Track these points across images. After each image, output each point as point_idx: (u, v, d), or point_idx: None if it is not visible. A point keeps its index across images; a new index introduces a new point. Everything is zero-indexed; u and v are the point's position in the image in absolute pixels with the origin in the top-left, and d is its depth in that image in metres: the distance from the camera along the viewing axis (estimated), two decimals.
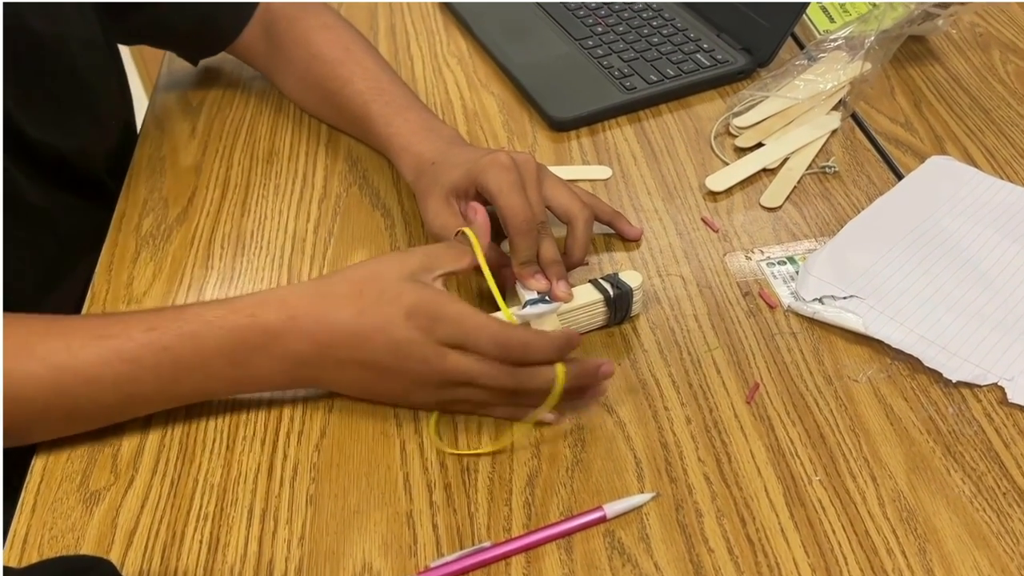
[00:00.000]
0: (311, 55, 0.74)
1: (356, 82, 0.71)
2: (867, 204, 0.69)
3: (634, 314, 0.60)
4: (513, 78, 0.83)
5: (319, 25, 0.76)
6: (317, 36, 0.75)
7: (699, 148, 0.76)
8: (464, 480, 0.51)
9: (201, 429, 0.54)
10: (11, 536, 0.49)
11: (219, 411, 0.55)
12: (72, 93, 0.69)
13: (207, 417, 0.55)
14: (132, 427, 0.54)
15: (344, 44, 0.74)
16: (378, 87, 0.70)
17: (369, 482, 0.51)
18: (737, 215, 0.69)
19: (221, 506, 0.50)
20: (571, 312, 0.57)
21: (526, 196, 0.56)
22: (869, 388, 0.55)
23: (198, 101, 0.83)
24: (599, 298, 0.57)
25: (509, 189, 0.55)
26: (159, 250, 0.67)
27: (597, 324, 0.59)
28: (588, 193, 0.65)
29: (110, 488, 0.51)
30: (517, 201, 0.55)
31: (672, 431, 0.53)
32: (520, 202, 0.55)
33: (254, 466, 0.52)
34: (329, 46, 0.74)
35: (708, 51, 0.84)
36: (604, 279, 0.58)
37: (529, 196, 0.56)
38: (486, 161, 0.57)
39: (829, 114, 0.77)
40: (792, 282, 0.62)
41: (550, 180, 0.60)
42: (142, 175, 0.74)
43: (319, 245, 0.67)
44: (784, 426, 0.53)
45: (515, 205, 0.55)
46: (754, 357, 0.57)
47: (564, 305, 0.56)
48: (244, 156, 0.76)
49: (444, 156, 0.62)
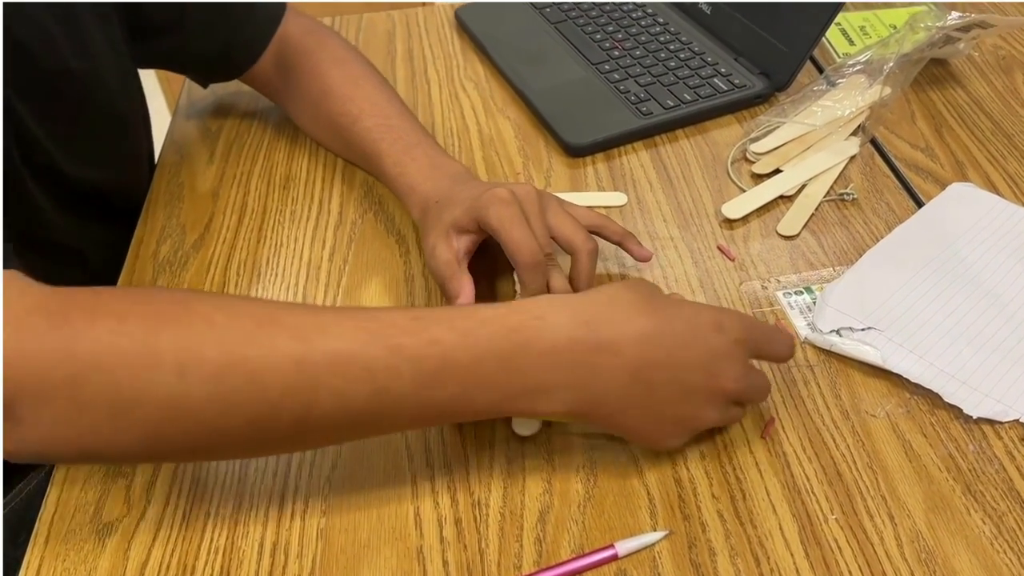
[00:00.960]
0: (322, 90, 0.75)
1: (365, 119, 0.71)
2: (886, 232, 0.68)
3: None
4: (529, 103, 0.83)
5: (331, 59, 0.76)
6: (329, 70, 0.75)
7: (715, 174, 0.75)
8: (475, 516, 0.51)
9: (214, 463, 0.54)
10: (24, 567, 0.49)
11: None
12: (108, 128, 0.70)
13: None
14: None
15: (355, 79, 0.75)
16: (387, 124, 0.70)
17: (380, 516, 0.51)
18: (754, 243, 0.68)
19: (232, 539, 0.50)
20: None
21: (530, 229, 0.55)
22: (887, 424, 0.54)
23: (216, 127, 0.84)
24: None
25: (511, 224, 0.55)
26: (176, 277, 0.67)
27: None
28: (597, 214, 0.63)
29: (123, 520, 0.51)
30: (520, 235, 0.54)
31: (686, 467, 0.53)
32: (523, 236, 0.54)
33: (266, 498, 0.52)
34: (340, 81, 0.74)
35: (725, 75, 0.84)
36: None
37: (533, 228, 0.55)
38: (486, 197, 0.56)
39: (848, 140, 0.76)
40: (809, 313, 0.61)
41: (553, 209, 0.59)
42: (160, 201, 0.75)
43: (334, 273, 0.67)
44: (800, 462, 0.53)
45: (519, 239, 0.54)
46: (770, 391, 0.57)
47: None
48: (261, 182, 0.76)
49: (447, 194, 0.62)
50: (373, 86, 0.74)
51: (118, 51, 0.70)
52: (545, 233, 0.57)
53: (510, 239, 0.55)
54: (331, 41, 0.78)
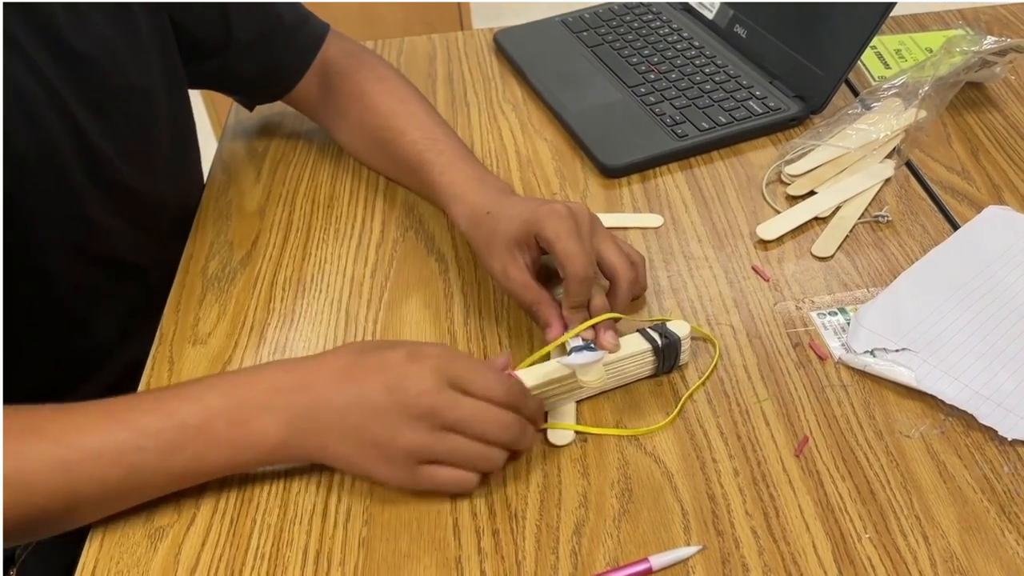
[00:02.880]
0: (365, 107, 0.77)
1: (410, 132, 0.73)
2: (921, 255, 0.68)
3: (682, 363, 0.60)
4: (566, 125, 0.85)
5: (374, 77, 0.79)
6: (371, 88, 0.78)
7: (750, 196, 0.76)
8: (512, 527, 0.52)
9: (260, 470, 0.56)
10: (80, 569, 0.51)
11: None
12: (170, 143, 0.74)
13: None
14: None
15: (399, 96, 0.77)
16: (432, 137, 0.73)
17: (419, 526, 0.52)
18: (788, 264, 0.69)
19: (277, 546, 0.52)
20: (619, 362, 0.58)
21: (583, 243, 0.57)
22: (921, 444, 0.55)
23: (263, 147, 0.87)
24: (647, 347, 0.58)
25: (567, 236, 0.57)
26: (224, 292, 0.70)
27: (645, 374, 0.60)
28: (636, 254, 0.64)
29: (173, 525, 0.53)
30: (575, 248, 0.57)
31: (720, 483, 0.54)
32: (578, 249, 0.57)
33: (309, 507, 0.54)
34: (383, 97, 0.77)
35: (760, 98, 0.85)
36: (652, 328, 0.59)
37: (584, 244, 0.58)
38: (544, 211, 0.58)
39: (883, 162, 0.77)
40: (843, 334, 0.62)
41: (601, 233, 0.61)
42: (209, 219, 0.78)
43: (376, 290, 0.69)
44: (833, 481, 0.53)
45: (573, 251, 0.57)
46: (803, 410, 0.57)
47: (612, 355, 0.57)
48: (306, 201, 0.79)
49: (498, 207, 0.63)
50: (416, 102, 0.77)
51: (173, 67, 0.73)
52: (593, 251, 0.59)
53: (564, 250, 0.57)
54: (372, 61, 0.81)
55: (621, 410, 0.58)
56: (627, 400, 0.59)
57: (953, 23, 0.99)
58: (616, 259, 0.60)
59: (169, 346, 0.66)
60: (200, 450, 0.51)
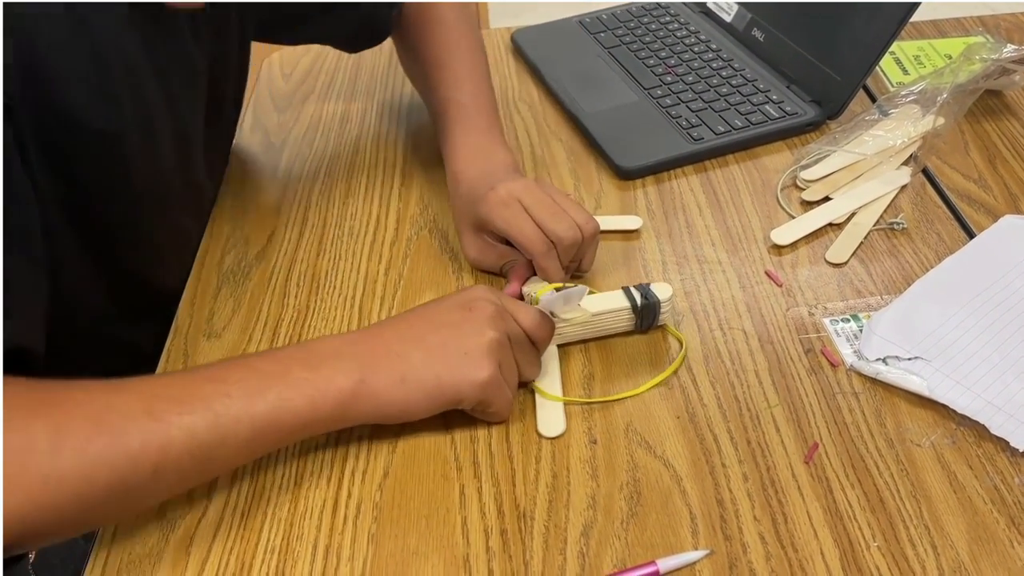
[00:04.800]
0: (420, 52, 0.80)
1: (443, 88, 0.76)
2: (936, 263, 0.68)
3: (661, 323, 0.63)
4: (582, 126, 0.85)
5: (436, 19, 0.80)
6: (431, 32, 0.79)
7: (765, 200, 0.76)
8: (520, 527, 0.52)
9: (272, 464, 0.57)
10: (93, 558, 0.52)
11: (289, 448, 0.58)
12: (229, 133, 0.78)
13: (278, 453, 0.57)
14: None
15: (449, 46, 0.78)
16: (458, 100, 0.74)
17: (428, 524, 0.53)
18: (802, 270, 0.69)
19: (287, 540, 0.53)
20: (598, 316, 0.61)
21: (533, 222, 0.62)
22: (932, 453, 0.55)
23: (280, 141, 0.87)
24: (625, 305, 0.61)
25: (515, 221, 0.63)
26: (239, 286, 0.70)
27: (622, 329, 0.63)
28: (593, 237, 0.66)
29: (185, 517, 0.54)
30: (527, 230, 0.62)
31: (729, 488, 0.54)
32: (529, 230, 0.62)
33: (319, 502, 0.54)
34: (435, 44, 0.79)
35: (777, 102, 0.84)
36: (636, 288, 0.62)
37: (536, 217, 0.62)
38: (487, 204, 0.64)
39: (899, 169, 0.77)
40: (856, 341, 0.62)
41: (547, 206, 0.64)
42: (226, 213, 0.78)
43: (389, 287, 0.69)
44: (843, 488, 0.53)
45: (526, 235, 0.62)
46: (814, 416, 0.57)
47: (593, 308, 0.61)
48: (322, 197, 0.79)
49: (474, 189, 0.67)
50: (463, 53, 0.78)
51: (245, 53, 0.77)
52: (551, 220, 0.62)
53: (517, 237, 0.63)
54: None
55: (631, 413, 0.59)
56: (637, 404, 0.59)
57: (973, 30, 0.98)
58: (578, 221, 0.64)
59: (184, 339, 0.66)
60: (281, 394, 0.51)
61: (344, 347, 0.54)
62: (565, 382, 0.61)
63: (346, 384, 0.52)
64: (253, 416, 0.50)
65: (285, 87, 0.96)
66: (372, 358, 0.54)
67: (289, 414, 0.51)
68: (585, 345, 0.63)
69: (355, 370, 0.53)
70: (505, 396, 0.56)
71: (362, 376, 0.53)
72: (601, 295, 0.62)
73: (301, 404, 0.51)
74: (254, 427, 0.50)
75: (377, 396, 0.53)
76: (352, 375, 0.52)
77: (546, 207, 0.63)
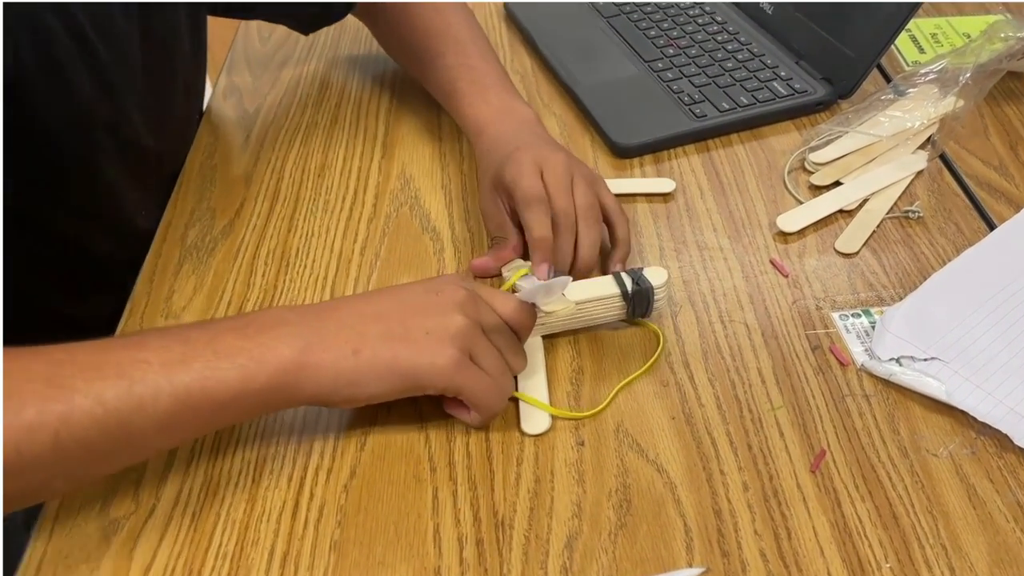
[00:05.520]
0: (406, 23, 0.76)
1: (447, 55, 0.72)
2: (954, 255, 0.63)
3: (656, 310, 0.57)
4: (577, 99, 0.79)
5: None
6: (411, 4, 0.75)
7: (771, 183, 0.71)
8: (498, 537, 0.48)
9: (228, 459, 0.52)
10: (24, 563, 0.47)
11: (247, 441, 0.53)
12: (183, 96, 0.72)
13: (235, 447, 0.52)
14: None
15: (444, 14, 0.75)
16: (467, 64, 0.71)
17: (397, 531, 0.48)
18: (809, 259, 0.64)
19: (241, 545, 0.48)
20: (588, 304, 0.56)
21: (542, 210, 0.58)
22: (950, 464, 0.50)
23: (255, 108, 0.81)
24: (616, 292, 0.56)
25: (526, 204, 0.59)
26: (202, 263, 0.65)
27: (614, 317, 0.58)
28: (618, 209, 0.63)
29: (130, 517, 0.49)
30: (533, 218, 0.58)
31: (727, 498, 0.49)
32: (535, 218, 0.58)
33: (279, 504, 0.50)
34: (428, 15, 0.75)
35: (785, 79, 0.79)
36: (628, 273, 0.57)
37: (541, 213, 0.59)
38: (512, 174, 0.60)
39: (915, 153, 0.72)
40: (867, 338, 0.57)
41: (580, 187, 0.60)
42: (192, 183, 0.73)
43: (364, 267, 0.64)
44: (852, 501, 0.49)
45: (529, 221, 0.58)
46: (821, 420, 0.53)
47: (579, 296, 0.56)
48: (296, 168, 0.74)
49: (497, 145, 0.64)
50: (460, 21, 0.75)
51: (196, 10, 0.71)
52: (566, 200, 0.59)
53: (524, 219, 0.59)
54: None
55: (622, 412, 0.54)
56: (629, 402, 0.54)
57: (993, 9, 0.93)
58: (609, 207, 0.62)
59: (140, 319, 0.61)
60: (209, 362, 0.45)
61: (289, 315, 0.49)
62: (552, 377, 0.56)
63: (286, 353, 0.46)
64: (175, 386, 0.44)
65: (262, 50, 0.90)
66: (320, 328, 0.48)
67: (218, 385, 0.45)
68: (574, 336, 0.58)
69: (298, 337, 0.47)
70: (480, 383, 0.50)
71: (306, 345, 0.47)
72: (589, 281, 0.57)
73: (232, 375, 0.45)
74: (176, 398, 0.44)
75: (322, 369, 0.47)
76: (294, 343, 0.47)
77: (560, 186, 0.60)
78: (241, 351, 0.46)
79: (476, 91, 0.69)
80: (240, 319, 0.49)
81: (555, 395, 0.55)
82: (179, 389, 0.44)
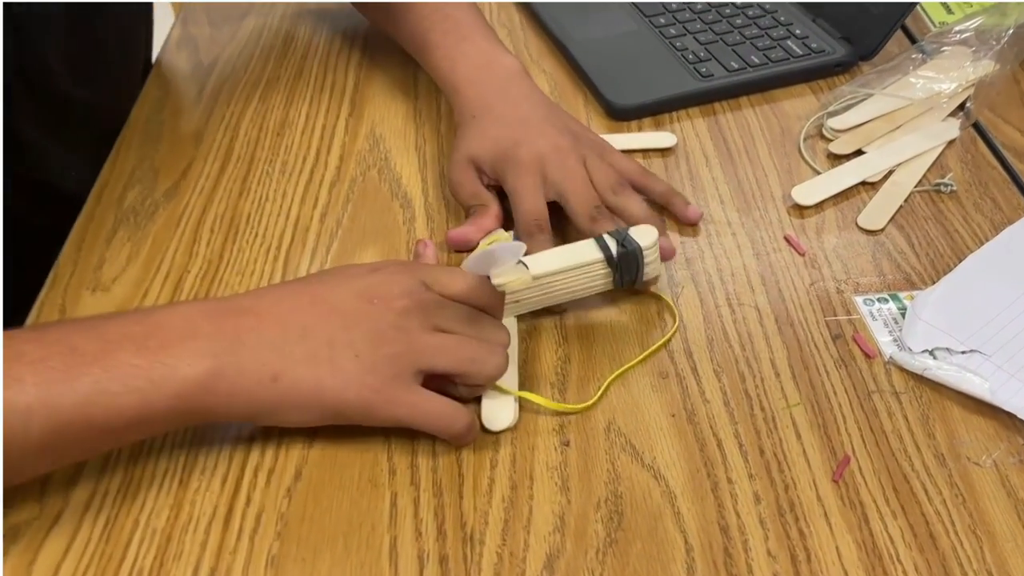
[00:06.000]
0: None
1: (419, 3, 0.64)
2: (992, 234, 0.56)
3: (648, 277, 0.50)
4: (569, 55, 0.72)
5: None
6: None
7: (785, 152, 0.63)
8: (466, 554, 0.40)
9: (152, 455, 0.44)
10: None
11: (176, 434, 0.45)
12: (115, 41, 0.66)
13: (161, 440, 0.45)
14: None
15: None
16: (441, 11, 0.64)
17: (347, 545, 0.41)
18: (828, 236, 0.56)
19: (161, 560, 0.40)
20: (567, 272, 0.48)
21: (540, 196, 0.53)
22: (995, 475, 0.43)
23: (211, 60, 0.73)
24: (598, 257, 0.48)
25: (524, 193, 0.53)
26: (140, 229, 0.57)
27: (599, 288, 0.50)
28: (640, 168, 0.57)
29: (32, 523, 0.41)
30: (529, 206, 0.53)
31: (736, 511, 0.42)
32: (532, 205, 0.53)
33: (209, 510, 0.42)
34: None
35: (801, 38, 0.72)
36: (612, 235, 0.49)
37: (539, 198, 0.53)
38: (510, 159, 0.54)
39: (945, 121, 0.64)
40: (895, 326, 0.50)
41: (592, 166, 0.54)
42: (135, 140, 0.65)
43: (324, 237, 0.57)
44: (882, 517, 0.41)
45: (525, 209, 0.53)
46: (844, 421, 0.46)
47: (557, 263, 0.48)
48: (252, 126, 0.66)
49: (484, 115, 0.57)
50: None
51: None
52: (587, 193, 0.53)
53: (519, 207, 0.53)
54: None
55: (614, 408, 0.46)
56: (622, 396, 0.47)
57: None
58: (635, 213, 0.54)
59: (63, 291, 0.53)
60: (98, 384, 0.38)
61: (201, 322, 0.41)
62: (534, 368, 0.48)
63: (192, 374, 0.39)
64: (54, 409, 0.37)
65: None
66: (236, 344, 0.41)
67: (106, 412, 0.38)
68: (560, 320, 0.51)
69: (209, 356, 0.40)
70: (431, 407, 0.43)
71: (218, 367, 0.40)
72: (568, 247, 0.50)
73: (125, 400, 0.38)
74: (55, 424, 0.37)
75: (235, 397, 0.40)
76: (203, 363, 0.40)
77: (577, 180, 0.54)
78: (137, 372, 0.39)
79: (452, 42, 0.62)
80: (142, 322, 0.41)
81: (537, 389, 0.47)
82: (61, 415, 0.37)
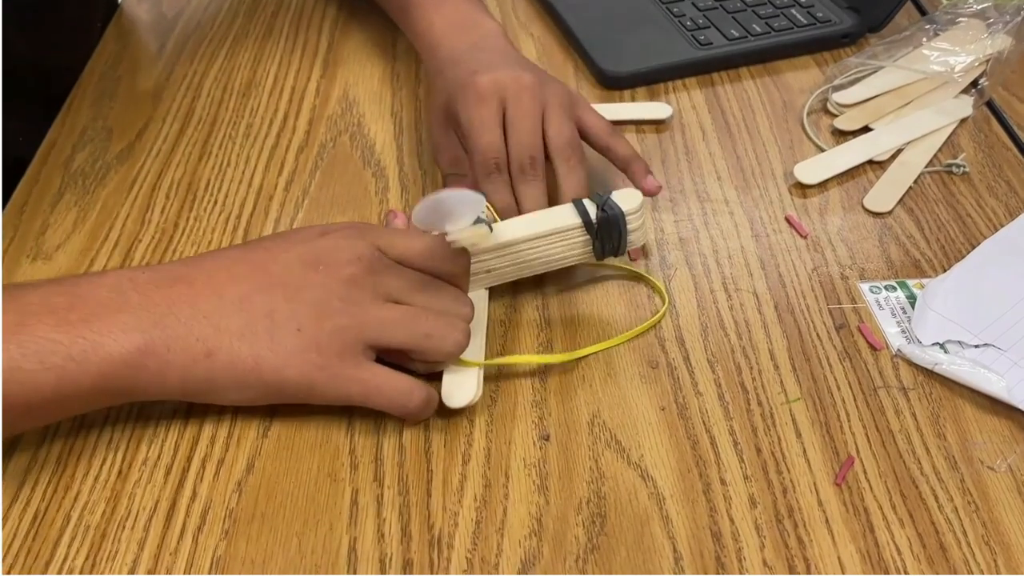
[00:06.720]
0: None
1: None
2: (1007, 218, 0.52)
3: (633, 245, 0.46)
4: (560, 19, 0.67)
5: None
6: None
7: (787, 127, 0.59)
8: (432, 559, 0.36)
9: (91, 444, 0.40)
10: None
11: (116, 419, 0.41)
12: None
13: (100, 426, 0.41)
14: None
15: None
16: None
17: (301, 547, 0.37)
18: (832, 218, 0.53)
19: (93, 560, 0.36)
20: (541, 239, 0.44)
21: (500, 133, 0.48)
22: (1011, 482, 0.40)
23: (175, 13, 0.69)
24: (576, 223, 0.44)
25: (480, 128, 0.48)
26: (88, 192, 0.53)
27: (577, 257, 0.45)
28: (608, 128, 0.51)
29: None
30: (482, 139, 0.47)
31: (729, 516, 0.38)
32: (484, 141, 0.47)
33: (150, 504, 0.38)
34: None
35: (806, 6, 0.68)
36: (593, 199, 0.45)
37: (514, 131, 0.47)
38: (464, 91, 0.49)
39: (958, 97, 0.60)
40: (904, 316, 0.46)
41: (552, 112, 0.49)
42: (88, 97, 0.60)
43: (288, 206, 0.52)
44: (888, 525, 0.38)
45: (478, 144, 0.47)
46: (848, 418, 0.42)
47: (531, 229, 0.44)
48: (216, 86, 0.61)
49: (452, 67, 0.52)
50: None
51: None
52: (530, 139, 0.48)
53: (474, 143, 0.48)
54: None
55: (599, 400, 0.43)
56: (608, 387, 0.43)
57: None
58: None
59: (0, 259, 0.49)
60: (13, 359, 0.34)
61: (130, 292, 0.37)
62: (511, 349, 0.45)
63: (118, 350, 0.36)
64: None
65: None
66: (167, 317, 0.37)
67: (20, 388, 0.35)
68: (542, 302, 0.47)
69: (136, 331, 0.36)
70: (385, 382, 0.39)
71: (146, 342, 0.36)
72: (543, 212, 0.46)
73: (42, 378, 0.35)
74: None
75: (166, 374, 0.37)
76: (130, 339, 0.36)
77: (527, 119, 0.48)
78: (56, 347, 0.35)
79: (432, 3, 0.57)
80: (65, 292, 0.37)
81: (516, 377, 0.43)
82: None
